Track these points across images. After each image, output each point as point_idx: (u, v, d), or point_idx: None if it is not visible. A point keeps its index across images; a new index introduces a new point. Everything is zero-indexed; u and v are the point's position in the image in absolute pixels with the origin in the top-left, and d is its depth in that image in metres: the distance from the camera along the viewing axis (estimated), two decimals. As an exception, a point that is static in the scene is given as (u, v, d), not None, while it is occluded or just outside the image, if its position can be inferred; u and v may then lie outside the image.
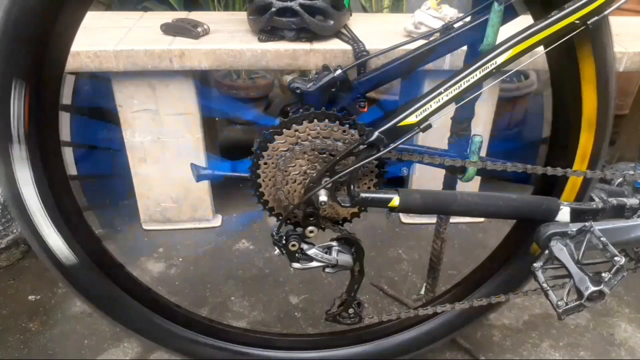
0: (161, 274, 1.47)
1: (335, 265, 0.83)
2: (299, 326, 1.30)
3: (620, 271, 0.74)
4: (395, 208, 0.78)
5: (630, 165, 0.94)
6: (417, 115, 0.72)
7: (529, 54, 0.72)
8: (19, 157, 0.73)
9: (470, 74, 0.71)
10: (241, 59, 1.35)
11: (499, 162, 0.83)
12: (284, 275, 1.46)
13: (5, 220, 1.42)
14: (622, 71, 1.38)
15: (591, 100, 0.82)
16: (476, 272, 1.13)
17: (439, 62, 1.30)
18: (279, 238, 0.81)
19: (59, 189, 0.79)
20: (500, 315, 1.33)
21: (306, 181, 0.79)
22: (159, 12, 1.84)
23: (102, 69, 1.33)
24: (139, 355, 1.21)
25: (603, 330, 1.30)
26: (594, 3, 0.69)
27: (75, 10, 0.70)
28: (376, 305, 1.36)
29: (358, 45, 1.35)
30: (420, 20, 1.39)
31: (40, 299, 1.36)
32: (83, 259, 0.84)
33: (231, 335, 1.07)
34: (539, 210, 0.82)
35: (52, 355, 1.20)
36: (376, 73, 0.91)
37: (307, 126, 0.77)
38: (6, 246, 1.45)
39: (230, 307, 1.36)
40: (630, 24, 1.59)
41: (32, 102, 0.70)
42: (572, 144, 0.87)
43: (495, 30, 0.81)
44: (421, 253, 1.55)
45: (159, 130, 1.47)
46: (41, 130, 0.74)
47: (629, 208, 0.84)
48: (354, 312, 0.90)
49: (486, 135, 1.53)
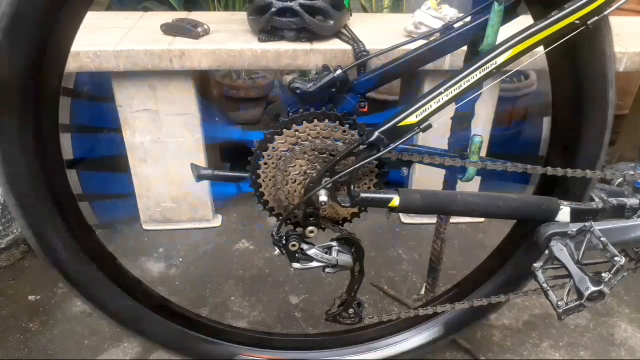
0: (161, 274, 1.47)
1: (335, 265, 0.83)
2: (299, 326, 1.30)
3: (620, 271, 0.74)
4: (395, 208, 0.78)
5: (630, 165, 0.94)
6: (417, 115, 0.72)
7: (529, 54, 0.72)
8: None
9: (470, 74, 0.71)
10: (241, 59, 1.35)
11: (499, 162, 0.83)
12: (284, 275, 1.46)
13: (5, 220, 1.42)
14: (622, 71, 1.38)
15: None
16: (476, 272, 1.13)
17: (439, 62, 1.30)
18: (279, 238, 0.81)
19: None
20: (500, 315, 1.33)
21: (306, 181, 0.79)
22: (159, 12, 1.84)
23: (102, 69, 1.33)
24: (139, 355, 1.21)
25: (603, 330, 1.30)
26: (594, 3, 0.69)
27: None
28: (376, 305, 1.36)
29: (358, 45, 1.35)
30: (420, 20, 1.39)
31: (40, 299, 1.36)
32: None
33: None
34: (539, 210, 0.82)
35: (52, 355, 1.20)
36: (376, 73, 0.91)
37: (307, 126, 0.77)
38: (6, 246, 1.45)
39: (230, 307, 1.36)
40: (630, 24, 1.59)
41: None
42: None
43: (495, 30, 0.81)
44: (421, 253, 1.55)
45: (159, 130, 1.47)
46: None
47: (629, 208, 0.84)
48: (354, 312, 0.90)
49: (486, 135, 1.53)
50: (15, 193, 0.75)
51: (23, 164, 0.73)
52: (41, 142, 0.74)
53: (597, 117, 0.83)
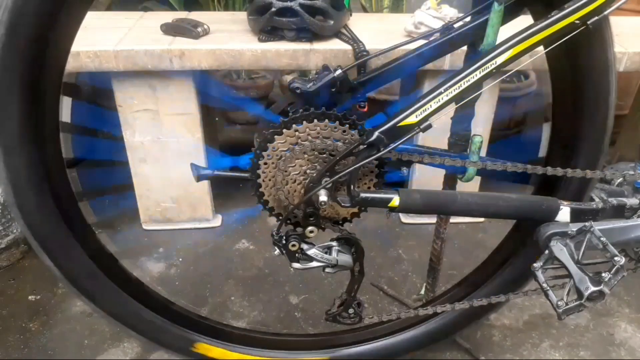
0: (161, 274, 1.47)
1: (335, 265, 0.83)
2: (299, 326, 1.30)
3: (620, 271, 0.74)
4: (396, 208, 0.78)
5: (630, 165, 0.94)
6: (417, 115, 0.72)
7: (529, 54, 0.72)
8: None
9: (470, 74, 0.71)
10: (241, 59, 1.35)
11: (499, 162, 0.83)
12: (284, 275, 1.46)
13: (5, 220, 1.42)
14: (622, 71, 1.38)
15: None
16: (476, 272, 1.13)
17: (439, 62, 1.30)
18: (279, 238, 0.81)
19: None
20: (500, 315, 1.33)
21: (306, 181, 0.79)
22: (159, 12, 1.84)
23: (102, 69, 1.32)
24: (139, 355, 1.21)
25: (603, 330, 1.30)
26: (594, 3, 0.69)
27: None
28: (376, 305, 1.36)
29: (358, 45, 1.35)
30: (420, 20, 1.39)
31: (40, 299, 1.36)
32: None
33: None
34: (539, 210, 0.82)
35: (52, 355, 1.20)
36: (376, 73, 0.91)
37: (307, 126, 0.77)
38: (6, 246, 1.45)
39: (230, 307, 1.36)
40: (630, 24, 1.59)
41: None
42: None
43: (495, 30, 0.81)
44: (421, 253, 1.55)
45: (159, 130, 1.47)
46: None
47: (629, 208, 0.84)
48: (354, 312, 0.90)
49: (486, 135, 1.53)
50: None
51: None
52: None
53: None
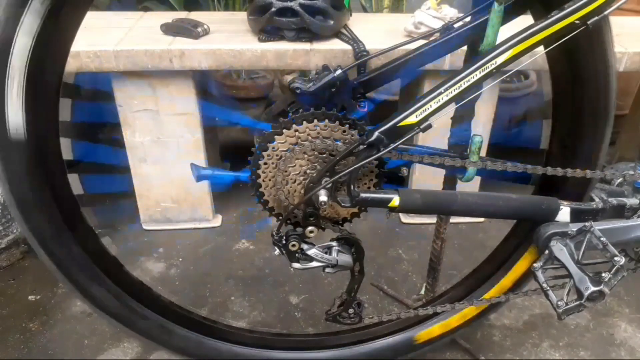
0: (161, 274, 1.47)
1: (335, 265, 0.83)
2: (299, 326, 1.30)
3: (620, 271, 0.74)
4: (395, 208, 0.78)
5: (630, 165, 0.94)
6: (417, 115, 0.72)
7: (529, 54, 0.72)
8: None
9: (470, 74, 0.71)
10: (241, 59, 1.35)
11: (499, 162, 0.83)
12: (284, 275, 1.46)
13: (5, 220, 1.42)
14: (622, 71, 1.38)
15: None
16: (476, 272, 1.13)
17: (439, 62, 1.30)
18: (279, 238, 0.81)
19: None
20: (501, 315, 1.33)
21: (306, 181, 0.79)
22: (159, 12, 1.85)
23: (102, 69, 1.33)
24: (139, 355, 1.21)
25: (603, 330, 1.30)
26: (594, 3, 0.69)
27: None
28: (376, 305, 1.36)
29: (358, 45, 1.35)
30: (420, 20, 1.39)
31: (40, 299, 1.36)
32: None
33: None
34: (539, 210, 0.82)
35: (52, 355, 1.20)
36: (376, 73, 0.91)
37: (307, 126, 0.77)
38: (6, 246, 1.45)
39: (230, 307, 1.36)
40: (630, 24, 1.59)
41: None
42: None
43: (495, 30, 0.81)
44: (421, 253, 1.55)
45: (159, 130, 1.47)
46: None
47: (629, 208, 0.84)
48: (354, 312, 0.90)
49: (486, 135, 1.53)
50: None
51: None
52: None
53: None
